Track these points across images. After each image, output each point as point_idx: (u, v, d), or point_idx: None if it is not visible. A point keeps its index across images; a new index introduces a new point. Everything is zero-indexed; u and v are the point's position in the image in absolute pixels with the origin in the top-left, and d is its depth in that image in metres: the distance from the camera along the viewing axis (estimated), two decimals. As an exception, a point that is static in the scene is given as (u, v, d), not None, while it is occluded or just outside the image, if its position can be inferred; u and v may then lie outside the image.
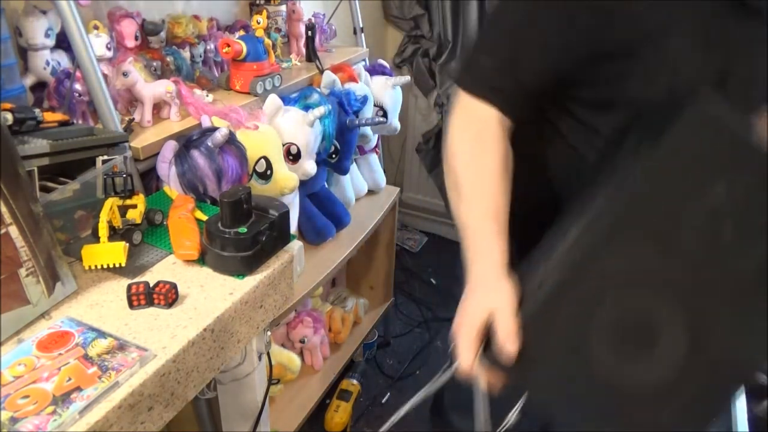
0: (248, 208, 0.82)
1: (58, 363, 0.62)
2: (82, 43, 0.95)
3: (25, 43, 1.05)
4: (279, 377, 1.56)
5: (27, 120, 0.84)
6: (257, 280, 0.81)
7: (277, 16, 1.60)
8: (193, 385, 0.72)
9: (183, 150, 0.99)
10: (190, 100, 1.13)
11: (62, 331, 0.67)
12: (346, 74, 1.53)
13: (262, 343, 0.91)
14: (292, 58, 1.59)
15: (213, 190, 0.99)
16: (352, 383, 1.84)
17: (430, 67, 2.32)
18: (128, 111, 1.15)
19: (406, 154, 2.65)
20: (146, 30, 1.25)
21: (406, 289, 2.41)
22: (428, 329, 2.21)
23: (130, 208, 0.86)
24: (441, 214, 2.68)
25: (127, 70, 1.09)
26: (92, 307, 0.73)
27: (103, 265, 0.79)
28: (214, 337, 0.73)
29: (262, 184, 1.16)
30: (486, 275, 0.75)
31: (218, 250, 0.80)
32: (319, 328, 1.66)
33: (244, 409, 0.98)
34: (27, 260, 0.68)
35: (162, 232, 0.89)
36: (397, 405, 1.97)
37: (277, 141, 1.18)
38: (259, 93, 1.31)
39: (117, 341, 0.66)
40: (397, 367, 2.03)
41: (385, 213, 1.70)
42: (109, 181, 0.85)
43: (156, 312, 0.73)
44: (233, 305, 0.76)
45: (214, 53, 1.43)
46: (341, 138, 1.45)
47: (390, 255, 1.91)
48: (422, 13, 2.28)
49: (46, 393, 0.58)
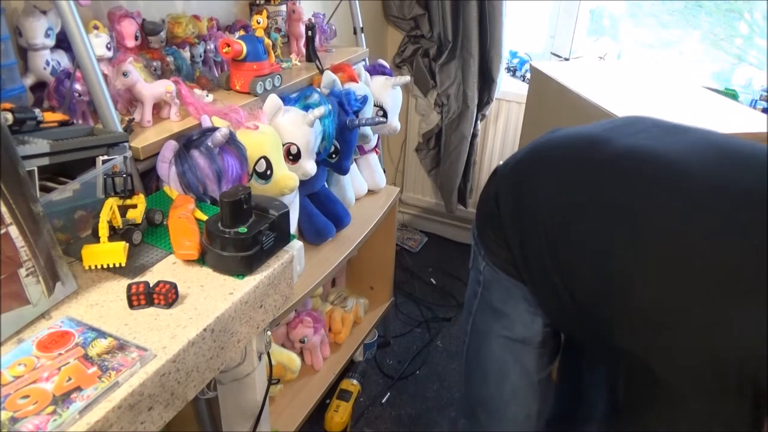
0: (248, 208, 0.82)
1: (58, 363, 0.62)
2: (82, 43, 0.95)
3: (25, 43, 1.05)
4: (279, 377, 1.56)
5: (27, 120, 0.84)
6: (257, 280, 0.81)
7: (277, 16, 1.60)
8: (193, 385, 0.72)
9: (183, 150, 0.99)
10: (190, 100, 1.13)
11: (62, 331, 0.67)
12: (346, 74, 1.53)
13: (262, 343, 0.91)
14: (292, 58, 1.59)
15: (213, 190, 0.99)
16: (352, 383, 1.84)
17: (430, 67, 2.32)
18: (128, 111, 1.15)
19: (406, 154, 2.65)
20: (146, 30, 1.25)
21: (406, 289, 2.41)
22: (428, 329, 2.21)
23: (130, 208, 0.86)
24: (441, 214, 2.69)
25: (127, 70, 1.09)
26: (92, 307, 0.73)
27: (103, 265, 0.79)
28: (214, 337, 0.74)
29: (262, 184, 1.16)
30: None
31: (218, 250, 0.80)
32: (319, 328, 1.66)
33: (244, 409, 0.98)
34: (27, 260, 0.68)
35: (162, 232, 0.89)
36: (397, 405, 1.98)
37: (277, 141, 1.18)
38: (259, 93, 1.31)
39: (117, 341, 0.66)
40: (397, 367, 2.03)
41: (385, 213, 1.70)
42: (109, 181, 0.85)
43: (156, 312, 0.73)
44: (233, 305, 0.76)
45: (214, 53, 1.43)
46: (341, 138, 1.45)
47: (390, 255, 1.91)
48: (422, 13, 2.28)
49: (46, 393, 0.58)
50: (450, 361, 2.06)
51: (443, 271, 2.53)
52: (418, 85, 2.38)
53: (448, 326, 2.23)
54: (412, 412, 1.86)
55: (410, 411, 1.86)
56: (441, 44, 2.29)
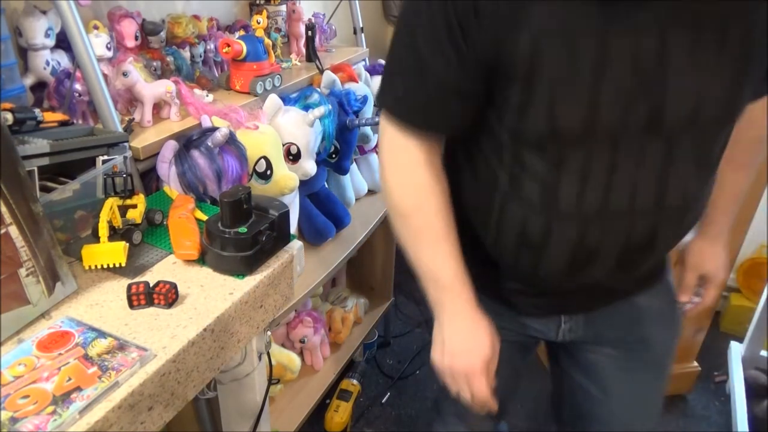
0: (248, 208, 0.82)
1: (58, 363, 0.62)
2: (82, 43, 0.95)
3: (25, 43, 1.05)
4: (279, 377, 1.56)
5: (27, 120, 0.84)
6: (257, 280, 0.81)
7: (277, 16, 1.60)
8: (193, 385, 0.72)
9: (183, 150, 0.99)
10: (190, 100, 1.13)
11: (62, 331, 0.67)
12: (346, 74, 1.53)
13: (262, 343, 0.91)
14: (292, 58, 1.59)
15: (213, 190, 0.99)
16: (352, 383, 1.84)
17: (430, 67, 2.32)
18: (128, 111, 1.15)
19: (406, 154, 2.65)
20: (146, 30, 1.25)
21: (406, 289, 2.40)
22: (428, 329, 2.20)
23: (130, 208, 0.86)
24: (441, 214, 2.68)
25: (127, 70, 1.09)
26: (92, 307, 0.73)
27: (103, 265, 0.79)
28: (214, 337, 0.74)
29: (262, 184, 1.16)
30: (464, 318, 0.81)
31: (218, 250, 0.80)
32: (319, 328, 1.66)
33: (244, 409, 0.98)
34: (27, 260, 0.68)
35: (162, 232, 0.89)
36: (397, 405, 1.98)
37: (277, 141, 1.18)
38: (259, 93, 1.31)
39: (117, 341, 0.66)
40: (397, 367, 2.03)
41: (385, 213, 1.69)
42: (109, 181, 0.85)
43: (156, 312, 0.73)
44: (233, 305, 0.76)
45: (214, 53, 1.43)
46: (341, 138, 1.45)
47: (390, 255, 1.91)
48: (422, 13, 2.27)
49: (46, 393, 0.58)
50: (450, 361, 2.06)
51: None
52: (418, 85, 2.37)
53: (448, 326, 2.23)
54: (412, 412, 1.86)
55: (410, 411, 1.86)
56: (441, 44, 2.28)
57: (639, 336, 0.94)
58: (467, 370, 0.80)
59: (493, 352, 0.81)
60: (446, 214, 0.78)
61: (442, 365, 0.82)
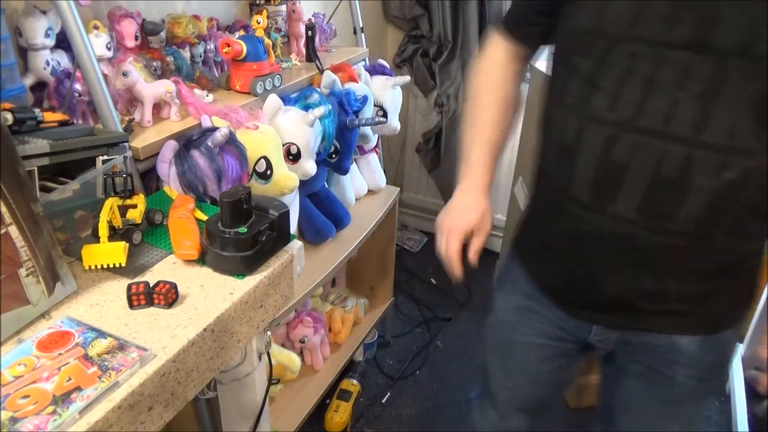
0: (248, 208, 0.82)
1: (58, 363, 0.62)
2: (82, 43, 0.95)
3: (25, 43, 1.05)
4: (279, 377, 1.56)
5: (27, 120, 0.84)
6: (257, 280, 0.81)
7: (277, 16, 1.60)
8: (193, 385, 0.72)
9: (183, 150, 0.99)
10: (190, 100, 1.13)
11: (62, 331, 0.67)
12: (346, 74, 1.53)
13: (262, 343, 0.91)
14: (292, 58, 1.59)
15: (213, 190, 0.99)
16: (352, 383, 1.84)
17: (430, 67, 2.32)
18: (128, 111, 1.15)
19: (406, 154, 2.65)
20: (146, 30, 1.25)
21: (406, 289, 2.41)
22: (428, 329, 2.21)
23: (130, 208, 0.86)
24: (441, 214, 2.69)
25: (127, 70, 1.09)
26: (92, 307, 0.73)
27: (103, 265, 0.79)
28: (214, 337, 0.74)
29: (262, 184, 1.16)
30: (471, 191, 0.97)
31: (218, 250, 0.80)
32: (319, 328, 1.66)
33: (244, 409, 0.98)
34: (27, 260, 0.68)
35: (162, 232, 0.89)
36: (397, 405, 1.98)
37: (277, 141, 1.18)
38: (259, 93, 1.31)
39: (117, 341, 0.66)
40: (397, 367, 2.03)
41: (385, 213, 1.70)
42: (109, 181, 0.85)
43: (156, 312, 0.73)
44: (233, 305, 0.76)
45: (214, 53, 1.43)
46: (341, 138, 1.45)
47: (390, 255, 1.91)
48: (422, 13, 2.28)
49: (46, 393, 0.58)
50: (450, 361, 2.06)
51: (443, 271, 2.51)
52: (418, 85, 2.38)
53: (448, 326, 2.23)
54: (412, 412, 1.86)
55: (410, 411, 1.86)
56: (441, 44, 2.29)
57: (667, 374, 0.89)
58: (450, 227, 0.94)
59: (478, 223, 0.94)
60: (498, 110, 0.95)
61: (439, 220, 0.97)
